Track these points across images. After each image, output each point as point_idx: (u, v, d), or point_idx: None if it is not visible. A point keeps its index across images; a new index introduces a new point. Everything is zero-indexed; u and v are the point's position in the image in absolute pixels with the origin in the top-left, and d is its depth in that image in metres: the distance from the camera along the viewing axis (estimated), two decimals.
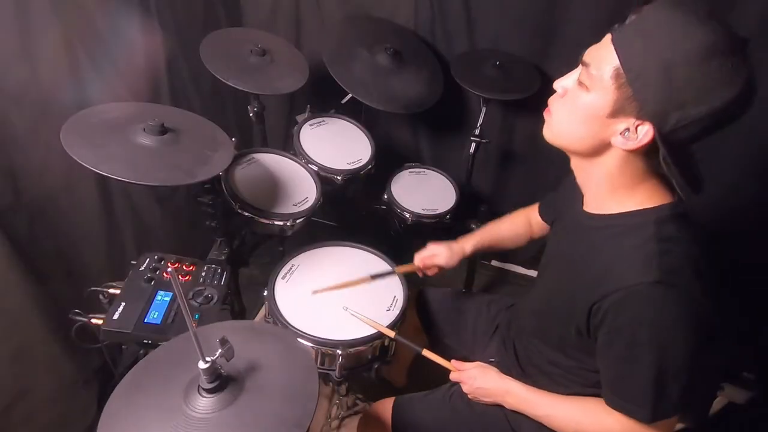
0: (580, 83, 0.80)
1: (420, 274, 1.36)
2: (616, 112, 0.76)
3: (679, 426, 1.28)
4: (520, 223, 1.33)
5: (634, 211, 0.83)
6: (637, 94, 0.72)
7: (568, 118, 0.84)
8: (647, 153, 0.79)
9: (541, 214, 1.27)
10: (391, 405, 1.21)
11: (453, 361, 1.16)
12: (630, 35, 0.73)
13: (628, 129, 0.76)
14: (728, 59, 0.67)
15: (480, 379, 1.08)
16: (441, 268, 1.32)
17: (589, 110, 0.79)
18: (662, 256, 0.77)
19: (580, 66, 0.80)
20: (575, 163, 0.90)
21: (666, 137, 0.73)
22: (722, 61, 0.67)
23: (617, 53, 0.73)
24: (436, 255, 1.30)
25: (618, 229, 0.84)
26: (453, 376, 1.14)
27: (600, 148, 0.82)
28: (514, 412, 1.06)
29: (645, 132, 0.74)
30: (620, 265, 0.81)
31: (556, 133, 0.87)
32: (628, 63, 0.72)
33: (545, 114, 0.89)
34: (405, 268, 1.37)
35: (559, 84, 0.85)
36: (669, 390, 0.80)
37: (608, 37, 0.76)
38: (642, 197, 0.84)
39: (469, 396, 1.11)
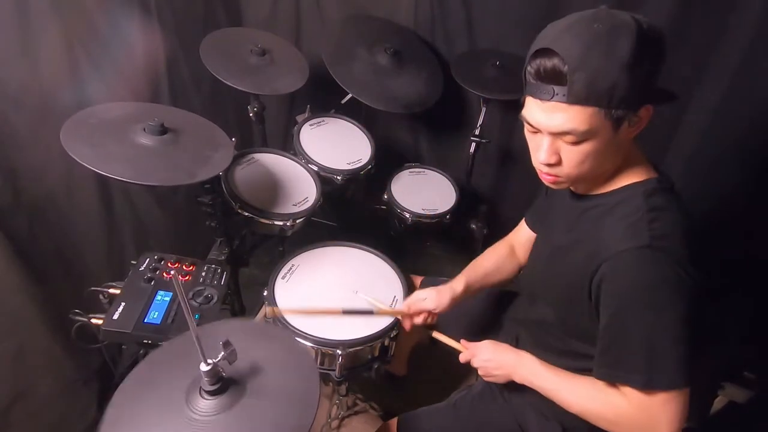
0: (574, 143, 0.81)
1: (407, 326, 1.24)
2: (616, 125, 0.79)
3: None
4: (503, 252, 1.28)
5: (623, 187, 0.88)
6: (611, 105, 0.76)
7: (592, 165, 0.84)
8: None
9: (530, 225, 1.23)
10: (395, 423, 1.19)
11: (462, 341, 1.15)
12: (573, 86, 0.76)
13: (631, 119, 0.80)
14: (600, 23, 0.76)
15: (490, 352, 1.07)
16: (430, 314, 1.22)
17: (600, 147, 0.81)
18: (651, 223, 0.81)
19: (550, 137, 0.82)
20: None
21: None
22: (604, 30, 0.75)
23: (577, 107, 0.77)
24: (423, 299, 1.21)
25: (609, 204, 0.89)
26: (463, 356, 1.12)
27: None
28: (522, 410, 1.06)
29: (644, 109, 0.80)
30: (611, 234, 0.84)
31: (589, 179, 0.89)
32: (586, 100, 0.76)
33: (552, 183, 0.89)
34: (389, 312, 1.26)
35: (547, 159, 0.85)
36: (662, 355, 0.80)
37: (552, 105, 0.79)
38: (629, 175, 0.88)
39: (480, 372, 1.09)
